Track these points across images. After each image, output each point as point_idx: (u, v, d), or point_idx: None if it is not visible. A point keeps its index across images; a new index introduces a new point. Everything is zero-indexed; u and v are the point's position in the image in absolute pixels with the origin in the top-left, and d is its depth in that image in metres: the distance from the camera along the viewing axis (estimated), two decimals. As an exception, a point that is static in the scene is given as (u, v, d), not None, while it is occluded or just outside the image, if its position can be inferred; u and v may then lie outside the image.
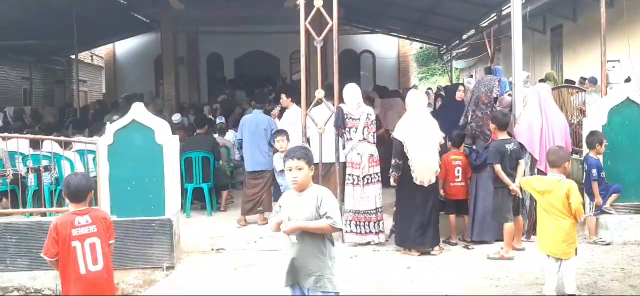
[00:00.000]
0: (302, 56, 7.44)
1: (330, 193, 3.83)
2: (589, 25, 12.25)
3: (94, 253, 4.14)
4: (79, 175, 4.41)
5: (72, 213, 4.17)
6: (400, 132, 6.63)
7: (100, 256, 4.15)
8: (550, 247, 5.12)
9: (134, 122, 6.41)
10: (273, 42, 18.78)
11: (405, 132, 6.59)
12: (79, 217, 4.15)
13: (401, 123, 6.75)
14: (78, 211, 4.17)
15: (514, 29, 7.38)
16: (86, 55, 22.47)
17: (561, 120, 7.07)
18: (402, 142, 6.54)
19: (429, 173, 6.48)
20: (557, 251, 5.08)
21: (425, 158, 6.48)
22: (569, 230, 5.04)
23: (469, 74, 26.94)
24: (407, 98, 7.06)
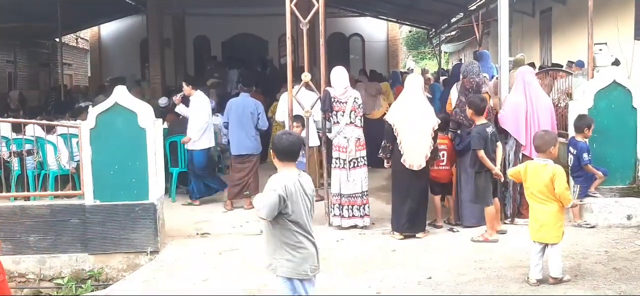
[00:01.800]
0: (288, 39, 7.37)
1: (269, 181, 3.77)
2: (578, 8, 12.21)
3: None
4: None
5: None
6: (392, 114, 6.60)
7: None
8: (537, 234, 5.11)
9: (116, 106, 6.33)
10: (261, 25, 18.59)
11: (397, 114, 6.57)
12: None
13: (394, 106, 6.72)
14: None
15: (500, 13, 7.36)
16: (71, 38, 22.17)
17: (546, 103, 7.05)
18: (392, 124, 6.51)
19: (419, 158, 6.45)
20: (544, 237, 5.08)
21: (415, 142, 6.45)
22: (555, 215, 5.04)
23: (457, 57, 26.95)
24: (405, 82, 7.02)
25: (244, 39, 20.03)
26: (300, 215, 3.73)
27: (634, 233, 6.44)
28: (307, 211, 3.79)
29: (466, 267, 5.62)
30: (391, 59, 22.09)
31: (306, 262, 3.78)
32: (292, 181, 3.71)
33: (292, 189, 3.69)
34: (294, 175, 3.77)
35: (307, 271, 3.80)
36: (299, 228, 3.74)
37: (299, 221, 3.73)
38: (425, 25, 21.51)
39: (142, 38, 18.83)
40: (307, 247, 3.78)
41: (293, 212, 3.70)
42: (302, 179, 3.81)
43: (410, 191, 6.56)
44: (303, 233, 3.76)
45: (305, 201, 3.77)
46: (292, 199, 3.68)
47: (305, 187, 3.79)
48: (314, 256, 3.83)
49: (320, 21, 7.36)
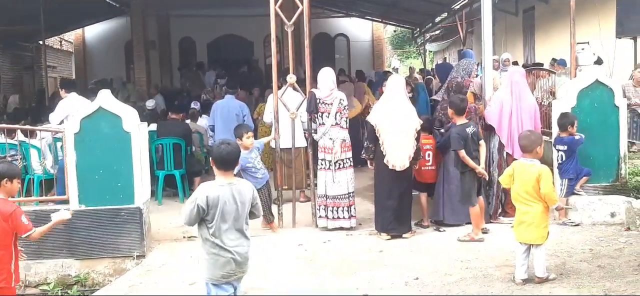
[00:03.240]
0: (273, 41, 7.35)
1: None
2: (560, 6, 12.34)
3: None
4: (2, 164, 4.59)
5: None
6: (374, 115, 6.62)
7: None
8: (523, 234, 5.15)
9: (100, 110, 6.29)
10: (246, 26, 18.59)
11: (379, 116, 6.58)
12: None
13: (376, 107, 6.73)
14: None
15: (483, 12, 7.40)
16: (55, 40, 21.99)
17: (531, 103, 7.12)
18: (374, 125, 6.54)
19: (402, 158, 6.48)
20: (529, 238, 5.12)
21: (397, 143, 6.47)
22: (541, 215, 5.06)
23: (442, 56, 27.08)
24: (387, 83, 7.04)
25: (229, 40, 20.02)
26: (223, 222, 3.90)
27: (617, 230, 6.51)
28: (236, 218, 3.94)
29: (453, 267, 5.65)
30: (376, 58, 22.17)
31: (222, 268, 3.94)
32: (218, 190, 3.89)
33: (214, 199, 3.86)
34: (224, 183, 3.93)
35: (221, 277, 3.95)
36: (217, 235, 3.90)
37: (220, 228, 3.89)
38: (409, 24, 21.59)
39: (126, 40, 18.76)
40: (224, 254, 3.92)
41: (213, 219, 3.87)
42: (237, 187, 3.98)
43: (393, 191, 6.58)
44: (221, 240, 3.91)
45: (235, 208, 3.92)
46: (213, 208, 3.86)
47: (237, 196, 3.94)
48: (231, 263, 3.96)
49: (305, 22, 7.37)
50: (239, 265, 4.00)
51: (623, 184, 7.11)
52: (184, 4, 17.40)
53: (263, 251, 6.44)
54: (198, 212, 3.86)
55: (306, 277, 5.67)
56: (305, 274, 5.74)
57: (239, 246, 3.99)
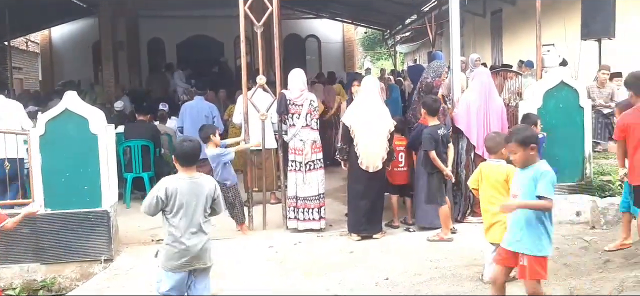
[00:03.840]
0: (243, 42, 7.32)
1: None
2: (527, 8, 12.54)
3: None
4: None
5: None
6: (348, 116, 6.63)
7: None
8: (490, 234, 5.20)
9: (66, 111, 6.19)
10: (216, 27, 18.48)
11: (353, 117, 6.59)
12: None
13: (351, 108, 6.74)
14: None
15: (451, 14, 7.48)
16: (21, 41, 21.55)
17: (498, 104, 7.22)
18: (349, 126, 6.53)
19: (375, 160, 6.50)
20: (496, 238, 5.17)
21: (371, 144, 6.50)
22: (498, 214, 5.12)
23: (412, 58, 27.32)
24: (361, 84, 7.05)
25: (199, 40, 19.86)
26: (183, 214, 4.08)
27: (582, 229, 6.63)
28: (193, 212, 4.11)
29: (422, 267, 5.69)
30: (347, 59, 22.23)
31: (177, 259, 4.11)
32: (177, 183, 4.10)
33: (173, 191, 4.06)
34: (185, 177, 4.14)
35: (175, 267, 4.12)
36: (175, 226, 4.09)
37: (180, 220, 4.08)
38: (380, 26, 21.73)
39: (94, 41, 18.45)
40: (179, 245, 4.09)
41: (172, 211, 4.08)
42: (197, 182, 4.17)
43: (366, 192, 6.60)
44: (178, 232, 4.09)
45: (193, 202, 4.10)
46: (172, 200, 4.06)
47: (196, 190, 4.13)
48: (186, 254, 4.11)
49: (275, 23, 7.35)
50: (195, 257, 4.14)
51: (588, 183, 7.25)
52: (152, 5, 17.22)
53: (233, 253, 6.41)
54: (157, 203, 4.07)
55: (277, 279, 5.65)
56: (275, 276, 5.72)
57: (195, 238, 4.12)
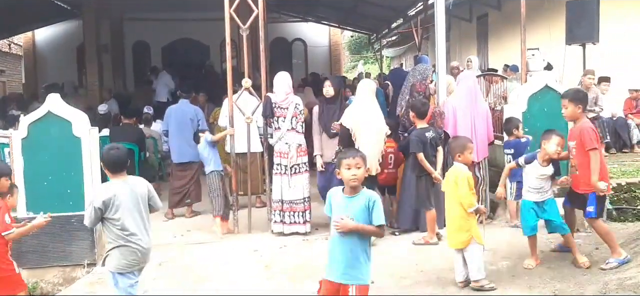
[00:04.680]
0: (228, 45, 7.28)
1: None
2: (512, 13, 12.63)
3: None
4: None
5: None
6: (349, 119, 6.52)
7: None
8: (449, 239, 5.29)
9: (49, 114, 6.12)
10: (202, 30, 18.39)
11: (354, 119, 6.50)
12: None
13: (350, 110, 6.65)
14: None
15: (437, 19, 7.51)
16: (3, 43, 21.34)
17: (484, 108, 7.25)
18: (350, 129, 6.45)
19: (375, 162, 6.47)
20: (452, 242, 5.23)
21: (371, 147, 6.42)
22: (460, 219, 5.15)
23: (399, 62, 27.41)
24: (357, 87, 7.04)
25: (184, 44, 19.76)
26: (124, 217, 4.21)
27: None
28: (136, 212, 4.27)
29: (408, 270, 5.69)
30: (334, 63, 22.24)
31: (127, 258, 4.25)
32: (113, 190, 4.22)
33: (110, 198, 4.18)
34: (119, 183, 4.27)
35: (126, 266, 4.26)
36: (125, 229, 4.22)
37: (124, 223, 4.21)
38: (366, 30, 21.74)
39: (78, 43, 18.27)
40: (129, 246, 4.24)
41: (113, 216, 4.19)
42: (131, 184, 4.32)
43: None
44: (130, 233, 4.23)
45: (133, 203, 4.26)
46: (112, 206, 4.17)
47: (133, 191, 4.28)
48: (135, 254, 4.27)
49: (260, 26, 7.32)
50: (143, 256, 4.34)
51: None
52: (137, 7, 17.09)
53: (218, 256, 6.38)
54: (95, 213, 4.20)
55: (262, 282, 5.63)
56: (261, 279, 5.70)
57: (141, 239, 4.29)
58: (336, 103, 7.09)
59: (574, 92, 5.75)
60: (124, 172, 4.35)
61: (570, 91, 5.85)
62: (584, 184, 5.49)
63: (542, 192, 5.66)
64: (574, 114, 5.57)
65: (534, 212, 5.66)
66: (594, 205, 5.46)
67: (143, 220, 4.32)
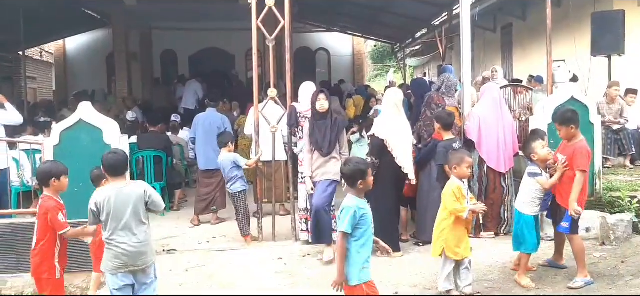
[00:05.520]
0: (255, 55, 7.40)
1: None
2: (537, 24, 12.58)
3: (33, 234, 4.91)
4: (48, 163, 5.18)
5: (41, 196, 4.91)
6: (381, 130, 6.47)
7: (35, 239, 4.86)
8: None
9: (81, 122, 6.28)
10: (228, 39, 18.66)
11: (387, 130, 6.45)
12: (41, 200, 4.87)
13: (382, 121, 6.60)
14: (43, 195, 4.88)
15: (462, 29, 7.54)
16: (35, 51, 21.80)
17: (510, 119, 7.26)
18: (384, 140, 6.41)
19: (412, 172, 6.49)
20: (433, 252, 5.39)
21: (407, 156, 6.46)
22: (437, 230, 5.30)
23: (422, 71, 27.34)
24: (384, 97, 7.00)
25: (211, 53, 20.04)
26: (110, 220, 4.37)
27: (592, 245, 6.62)
28: (124, 217, 4.38)
29: (431, 282, 5.70)
30: (357, 72, 22.33)
31: (113, 260, 4.39)
32: (107, 194, 4.40)
33: (103, 201, 4.37)
34: (114, 187, 4.44)
35: (114, 268, 4.39)
36: (109, 232, 4.39)
37: (111, 226, 4.38)
38: (390, 39, 21.77)
39: (108, 52, 18.67)
40: (114, 249, 4.38)
41: (104, 219, 4.38)
42: (126, 190, 4.45)
43: (395, 207, 6.64)
44: (113, 236, 4.39)
45: (123, 209, 4.38)
46: (104, 209, 4.35)
47: (125, 197, 4.41)
48: (121, 257, 4.39)
49: (286, 37, 7.44)
50: (130, 258, 4.40)
51: (598, 199, 7.25)
52: (166, 17, 17.39)
53: (243, 264, 6.46)
54: (92, 215, 4.42)
55: (286, 290, 5.69)
56: (285, 287, 5.76)
57: (126, 243, 4.39)
58: (327, 119, 6.50)
59: (561, 115, 5.79)
60: (123, 176, 4.56)
61: (557, 115, 5.91)
62: (568, 199, 5.50)
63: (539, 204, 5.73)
64: (569, 134, 5.61)
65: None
66: (568, 221, 5.51)
67: (131, 224, 4.41)
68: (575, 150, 5.48)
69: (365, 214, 4.08)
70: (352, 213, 4.00)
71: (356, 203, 4.05)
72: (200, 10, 15.69)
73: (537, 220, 5.74)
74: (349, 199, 4.10)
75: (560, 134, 5.71)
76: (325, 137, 6.43)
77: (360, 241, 4.06)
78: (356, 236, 4.05)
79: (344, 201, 4.13)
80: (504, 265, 6.10)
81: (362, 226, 4.05)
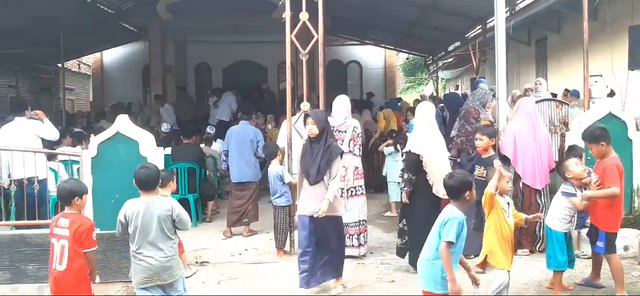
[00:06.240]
0: (288, 69, 7.46)
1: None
2: (572, 37, 12.40)
3: (62, 254, 4.65)
4: (71, 182, 5.13)
5: (61, 214, 4.77)
6: (417, 145, 6.39)
7: (66, 259, 4.63)
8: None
9: (118, 134, 6.41)
10: (261, 52, 18.81)
11: (423, 145, 6.36)
12: (63, 219, 4.71)
13: (417, 136, 6.52)
14: (65, 213, 4.76)
15: (497, 43, 7.45)
16: (73, 63, 22.33)
17: (545, 134, 7.17)
18: (420, 155, 6.33)
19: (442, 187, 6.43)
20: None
21: (441, 172, 6.21)
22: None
23: (454, 84, 27.15)
24: (417, 111, 6.97)
25: (243, 65, 20.24)
26: (141, 235, 4.48)
27: (630, 264, 6.48)
28: (149, 232, 4.48)
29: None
30: (389, 85, 22.29)
31: (139, 274, 4.52)
32: (136, 207, 4.52)
33: (131, 214, 4.51)
34: (143, 201, 4.56)
35: (140, 282, 4.51)
36: (136, 245, 4.52)
37: (136, 239, 4.51)
38: (422, 52, 21.70)
39: (144, 64, 19.03)
40: (139, 262, 4.51)
41: (132, 232, 4.52)
42: (153, 205, 4.53)
43: (428, 225, 6.50)
44: (140, 250, 4.51)
45: (149, 223, 4.48)
46: (132, 222, 4.49)
47: (151, 212, 4.50)
48: (146, 270, 4.50)
49: (319, 51, 7.48)
50: (155, 273, 4.51)
51: (636, 217, 7.10)
52: (200, 31, 17.65)
53: (274, 278, 6.48)
54: (121, 225, 4.58)
55: (317, 305, 5.70)
56: (316, 301, 5.77)
57: (152, 257, 4.50)
58: (320, 143, 5.82)
59: (590, 133, 5.71)
60: (154, 191, 4.64)
61: (586, 133, 5.83)
62: (602, 219, 5.43)
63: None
64: (600, 151, 5.53)
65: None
66: (603, 241, 5.43)
67: (155, 239, 4.49)
68: (605, 168, 5.40)
69: (464, 227, 4.35)
70: (457, 224, 4.25)
71: (461, 215, 4.33)
72: (234, 24, 15.88)
73: (569, 237, 5.64)
74: (453, 210, 4.36)
75: (592, 152, 5.65)
76: (314, 163, 5.76)
77: (456, 252, 4.32)
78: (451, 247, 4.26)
79: (448, 212, 4.37)
80: (539, 283, 6.01)
81: (460, 238, 4.31)
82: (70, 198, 4.77)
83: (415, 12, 14.64)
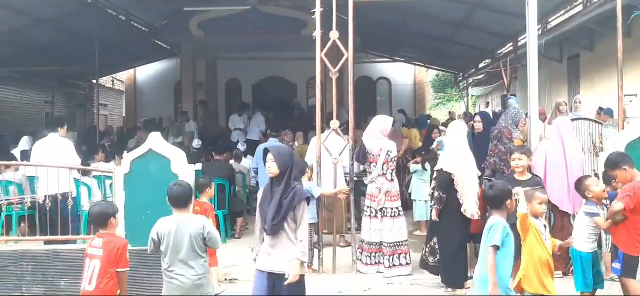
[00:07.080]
0: (318, 87, 7.49)
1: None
2: (606, 54, 12.20)
3: (92, 275, 4.68)
4: (101, 204, 5.27)
5: (96, 235, 4.85)
6: (448, 164, 6.38)
7: (95, 278, 4.66)
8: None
9: (150, 151, 6.50)
10: (290, 68, 18.94)
11: (455, 164, 6.35)
12: (97, 239, 4.79)
13: (449, 155, 6.51)
14: (99, 233, 4.83)
15: (529, 60, 7.39)
16: (107, 79, 22.79)
17: (578, 155, 7.04)
18: (452, 174, 6.32)
19: (475, 207, 6.32)
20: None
21: (472, 191, 6.32)
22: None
23: (485, 101, 26.92)
24: (449, 129, 6.96)
25: (273, 81, 20.41)
26: (173, 252, 4.53)
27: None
28: (180, 249, 4.53)
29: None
30: (418, 101, 22.20)
31: (172, 292, 4.56)
32: (168, 225, 4.58)
33: (163, 232, 4.57)
34: (174, 219, 4.61)
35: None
36: (167, 263, 4.58)
37: (168, 257, 4.56)
38: (452, 69, 21.58)
39: (176, 80, 19.33)
40: (170, 280, 4.57)
41: (164, 250, 4.57)
42: (184, 223, 4.58)
43: (462, 243, 6.44)
44: (171, 267, 4.56)
45: (180, 241, 4.53)
46: (164, 239, 4.55)
47: (182, 230, 4.55)
48: (177, 289, 4.55)
49: (349, 69, 7.50)
50: (186, 291, 4.55)
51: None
52: (231, 47, 17.87)
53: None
54: (153, 243, 4.62)
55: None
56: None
57: (183, 275, 4.54)
58: (281, 184, 4.63)
59: (610, 161, 5.64)
60: (184, 208, 4.67)
61: (607, 162, 5.75)
62: (621, 240, 5.34)
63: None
64: (624, 176, 5.43)
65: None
66: (620, 262, 5.33)
67: (186, 257, 4.54)
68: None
69: (509, 233, 4.50)
70: (501, 229, 4.43)
71: (504, 222, 4.52)
72: (263, 41, 16.05)
73: (595, 256, 5.52)
74: (496, 218, 4.55)
75: (618, 179, 5.56)
76: (271, 207, 4.57)
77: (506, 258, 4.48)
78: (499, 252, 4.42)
79: (491, 219, 4.57)
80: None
81: (506, 244, 4.46)
82: (103, 219, 4.83)
83: (446, 29, 14.60)
